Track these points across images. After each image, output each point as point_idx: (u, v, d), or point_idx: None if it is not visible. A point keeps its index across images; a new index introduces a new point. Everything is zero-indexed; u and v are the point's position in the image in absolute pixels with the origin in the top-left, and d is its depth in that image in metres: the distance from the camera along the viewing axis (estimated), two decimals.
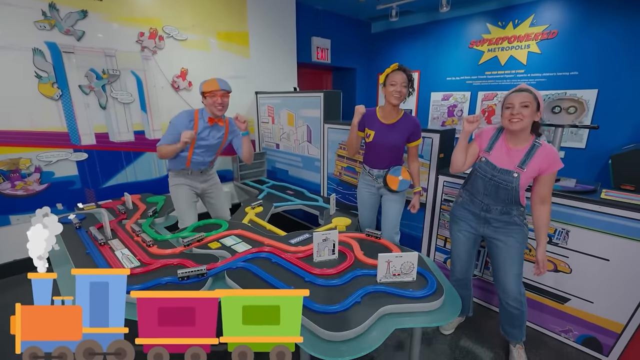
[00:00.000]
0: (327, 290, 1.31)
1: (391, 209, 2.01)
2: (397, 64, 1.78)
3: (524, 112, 1.34)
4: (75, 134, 2.54)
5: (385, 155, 1.92)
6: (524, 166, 1.40)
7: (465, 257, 1.71)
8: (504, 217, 1.51)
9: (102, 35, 2.53)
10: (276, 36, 3.73)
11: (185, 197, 2.12)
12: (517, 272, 1.53)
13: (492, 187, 1.48)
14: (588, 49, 3.39)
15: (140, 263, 1.51)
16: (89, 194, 2.69)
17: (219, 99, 1.90)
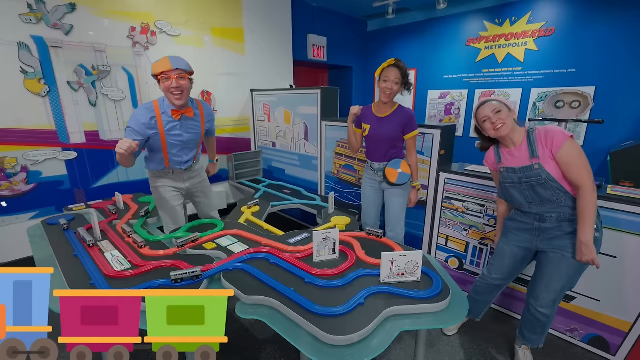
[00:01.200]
0: (328, 292, 1.25)
1: (394, 204, 1.99)
2: (394, 59, 1.76)
3: (501, 117, 1.35)
4: (63, 132, 2.45)
5: (382, 148, 1.93)
6: (535, 154, 1.33)
7: (507, 270, 1.56)
8: (565, 226, 1.34)
9: (92, 30, 2.45)
10: (272, 33, 3.67)
11: (168, 199, 1.89)
12: (560, 287, 1.39)
13: (527, 190, 1.37)
14: (585, 46, 3.38)
15: (131, 265, 1.43)
16: (78, 194, 2.59)
17: (173, 82, 1.54)
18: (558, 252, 1.38)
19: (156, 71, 1.57)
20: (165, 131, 1.68)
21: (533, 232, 1.44)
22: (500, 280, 1.61)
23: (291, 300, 1.18)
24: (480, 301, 1.71)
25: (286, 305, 1.15)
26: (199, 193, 2.06)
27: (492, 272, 1.62)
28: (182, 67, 1.57)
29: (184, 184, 1.94)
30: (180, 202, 1.98)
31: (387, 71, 1.75)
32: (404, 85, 1.78)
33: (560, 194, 1.31)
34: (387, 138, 1.89)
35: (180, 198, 1.98)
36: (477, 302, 1.72)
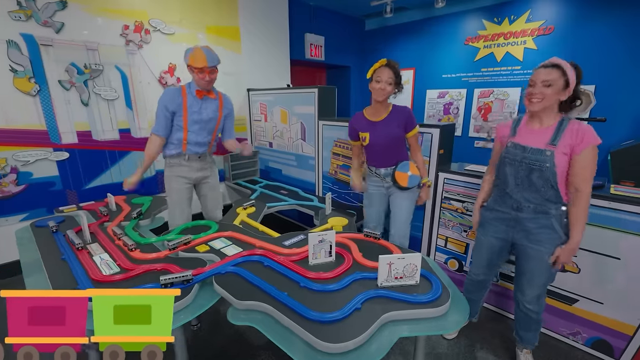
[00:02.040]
0: (323, 296, 1.20)
1: (402, 208, 1.88)
2: (386, 59, 1.69)
3: (545, 92, 1.24)
4: (55, 132, 2.39)
5: (387, 153, 1.83)
6: (555, 142, 1.25)
7: (486, 263, 1.58)
8: (540, 219, 1.33)
9: (83, 28, 2.40)
10: (268, 32, 3.62)
11: (177, 192, 2.00)
12: (543, 282, 1.41)
13: (523, 171, 1.32)
14: (585, 45, 3.35)
15: (120, 269, 1.39)
16: (70, 195, 2.54)
17: (207, 76, 1.78)
18: (535, 247, 1.37)
19: (194, 65, 1.75)
20: (188, 107, 1.86)
21: (510, 223, 1.43)
22: (482, 274, 1.61)
23: (285, 305, 1.14)
24: (473, 300, 1.70)
25: (279, 311, 1.11)
26: (208, 186, 2.14)
27: (473, 266, 1.63)
28: (215, 63, 1.79)
29: (196, 173, 2.04)
30: (189, 196, 2.07)
31: (379, 71, 1.68)
32: (397, 85, 1.71)
33: (549, 188, 1.29)
34: (391, 141, 1.79)
35: (191, 191, 2.08)
36: (470, 301, 1.69)
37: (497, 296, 1.99)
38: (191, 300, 1.23)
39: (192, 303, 1.23)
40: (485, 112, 4.20)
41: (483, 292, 1.70)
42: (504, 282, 1.93)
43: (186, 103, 1.85)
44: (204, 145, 2.01)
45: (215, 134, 2.05)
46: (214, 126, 2.01)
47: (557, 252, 1.31)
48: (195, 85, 1.86)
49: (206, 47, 1.78)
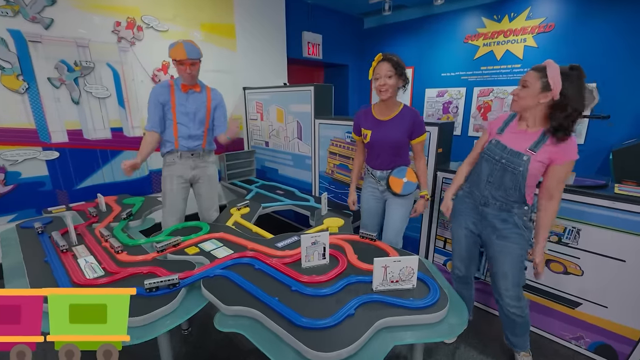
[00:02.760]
0: (316, 301, 1.15)
1: (394, 215, 1.79)
2: (381, 53, 1.59)
3: (521, 93, 1.26)
4: (44, 130, 2.34)
5: (386, 155, 1.73)
6: (535, 149, 1.25)
7: (465, 254, 1.59)
8: (502, 215, 1.37)
9: (74, 24, 2.34)
10: (264, 29, 3.57)
11: (172, 192, 1.99)
12: (515, 280, 1.39)
13: (498, 171, 1.34)
14: (586, 42, 3.30)
15: (104, 272, 1.33)
16: (61, 195, 2.48)
17: (187, 68, 1.80)
18: (501, 242, 1.38)
19: (173, 57, 1.79)
20: (176, 100, 1.89)
21: (477, 216, 1.47)
22: (464, 269, 1.61)
23: (274, 311, 1.08)
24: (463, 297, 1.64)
25: (269, 317, 1.05)
26: (203, 185, 2.11)
27: (454, 261, 1.65)
28: (194, 56, 1.81)
29: (191, 171, 2.03)
30: (184, 196, 2.06)
31: (377, 68, 1.58)
32: (399, 77, 1.58)
33: (516, 190, 1.31)
34: (391, 144, 1.69)
35: (186, 191, 2.07)
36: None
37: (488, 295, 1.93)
38: (177, 305, 1.17)
39: (178, 308, 1.17)
40: (485, 111, 4.15)
41: (470, 288, 1.68)
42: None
43: (174, 95, 1.89)
44: (196, 139, 1.99)
45: (207, 125, 2.02)
46: (203, 117, 1.99)
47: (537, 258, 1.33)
48: (181, 80, 1.89)
49: (189, 41, 1.82)
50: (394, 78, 1.56)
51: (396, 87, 1.60)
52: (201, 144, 2.01)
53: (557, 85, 1.15)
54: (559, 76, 1.14)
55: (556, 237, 1.62)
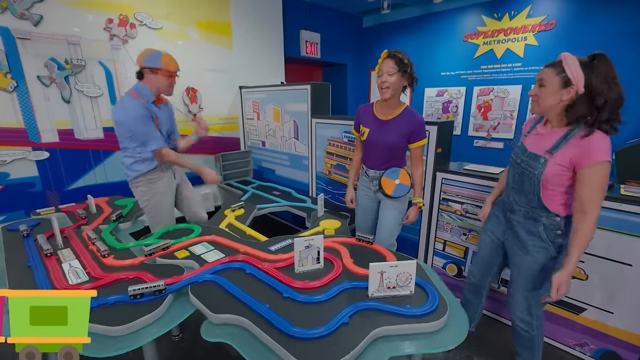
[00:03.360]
0: (308, 308, 1.09)
1: (387, 217, 1.74)
2: (387, 50, 1.51)
3: (538, 92, 1.16)
4: (34, 130, 2.28)
5: (381, 155, 1.67)
6: (554, 151, 1.13)
7: (482, 262, 1.50)
8: (528, 224, 1.25)
9: (64, 21, 2.28)
10: (261, 28, 3.51)
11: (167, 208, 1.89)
12: (529, 295, 1.30)
13: (519, 175, 1.25)
14: (588, 40, 3.24)
15: (89, 278, 1.27)
16: (51, 197, 2.43)
17: (174, 80, 1.75)
18: (521, 254, 1.29)
19: (168, 67, 1.68)
20: (158, 118, 1.77)
21: (504, 222, 1.38)
22: (479, 276, 1.53)
23: (265, 319, 1.03)
24: (471, 304, 1.60)
25: (258, 326, 1.00)
26: (185, 187, 2.04)
27: (471, 266, 1.57)
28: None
29: (175, 179, 1.95)
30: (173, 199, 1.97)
31: (381, 65, 1.51)
32: (403, 75, 1.48)
33: (536, 194, 1.20)
34: (387, 146, 1.62)
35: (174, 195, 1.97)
36: (466, 304, 1.60)
37: (499, 304, 1.87)
38: (163, 312, 1.12)
39: (164, 315, 1.12)
40: (485, 110, 4.09)
41: (480, 299, 1.59)
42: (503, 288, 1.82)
43: (156, 115, 1.75)
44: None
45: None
46: (172, 128, 1.92)
47: (555, 280, 1.13)
48: (151, 93, 1.71)
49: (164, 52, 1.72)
50: (397, 76, 1.47)
51: (399, 86, 1.52)
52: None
53: (578, 78, 1.04)
54: (579, 67, 1.03)
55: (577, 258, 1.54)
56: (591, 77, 1.03)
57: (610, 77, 1.03)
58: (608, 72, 1.03)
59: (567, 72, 1.06)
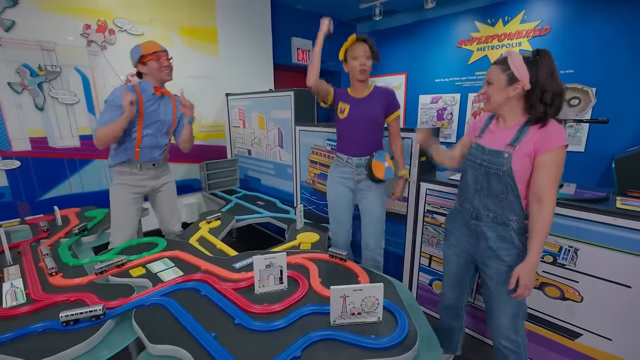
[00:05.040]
0: (259, 338, 0.96)
1: (373, 211, 1.67)
2: (355, 34, 1.56)
3: (488, 91, 1.15)
4: (4, 138, 2.20)
5: (364, 135, 1.64)
6: (516, 143, 1.10)
7: (454, 281, 1.39)
8: (499, 230, 1.17)
9: (37, 27, 2.22)
10: (249, 34, 3.45)
11: (123, 204, 1.75)
12: (515, 311, 1.18)
13: (482, 175, 1.18)
14: (584, 45, 3.14)
15: (26, 300, 1.16)
16: (22, 207, 2.33)
17: (166, 61, 1.68)
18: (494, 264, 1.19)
19: (147, 52, 1.64)
20: (145, 107, 1.69)
21: (469, 234, 1.27)
22: (452, 297, 1.41)
23: (207, 352, 0.90)
24: (452, 329, 1.47)
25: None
26: (163, 195, 1.92)
27: (443, 287, 1.45)
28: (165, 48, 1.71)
29: (151, 181, 1.84)
30: (137, 208, 1.82)
31: (354, 48, 1.54)
32: (375, 59, 1.58)
33: (510, 194, 1.13)
34: (370, 120, 1.62)
35: (139, 202, 1.83)
36: (448, 330, 1.48)
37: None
38: (98, 341, 0.99)
39: (100, 344, 0.99)
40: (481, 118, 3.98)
41: (460, 321, 1.47)
42: None
43: (142, 101, 1.66)
44: (160, 149, 1.82)
45: (170, 136, 1.87)
46: (169, 129, 1.84)
47: (515, 271, 1.09)
48: (151, 85, 1.70)
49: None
50: (371, 61, 1.56)
51: (370, 69, 1.60)
52: (163, 153, 1.85)
53: (523, 74, 1.05)
54: (523, 64, 1.05)
55: (550, 257, 1.43)
56: (537, 73, 1.03)
57: (554, 71, 1.04)
58: (552, 67, 1.04)
59: (512, 68, 1.07)
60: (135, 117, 1.66)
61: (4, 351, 0.91)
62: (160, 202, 1.92)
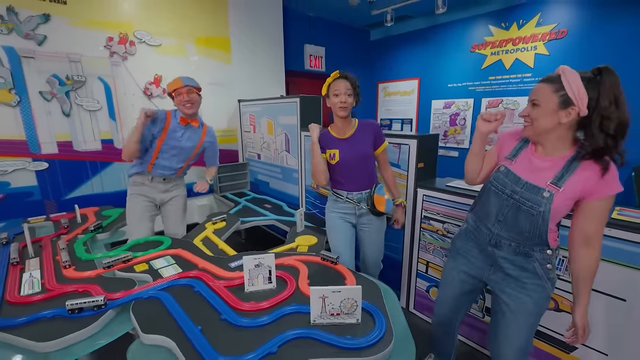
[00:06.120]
0: (243, 334, 1.02)
1: (374, 243, 1.70)
2: (338, 71, 1.56)
3: (532, 114, 0.97)
4: (34, 142, 2.41)
5: (359, 171, 1.62)
6: (560, 183, 0.94)
7: (454, 302, 1.30)
8: (518, 260, 1.06)
9: (66, 40, 2.43)
10: (261, 42, 3.58)
11: (138, 209, 1.91)
12: (523, 345, 1.09)
13: (510, 208, 1.04)
14: (602, 48, 3.02)
15: (41, 289, 1.28)
16: (49, 205, 2.53)
17: (185, 96, 1.79)
18: (514, 293, 1.09)
19: (171, 89, 1.82)
20: (169, 132, 1.85)
21: (484, 258, 1.17)
22: (446, 317, 1.34)
23: (191, 343, 0.97)
24: (443, 342, 1.44)
25: (182, 351, 0.94)
26: (171, 208, 2.05)
27: (438, 303, 1.37)
28: (191, 84, 1.83)
29: (160, 194, 1.98)
30: (151, 214, 1.97)
31: (334, 85, 1.53)
32: (356, 97, 1.57)
33: (537, 235, 1.01)
34: (363, 158, 1.60)
35: (153, 209, 1.99)
36: (441, 342, 1.45)
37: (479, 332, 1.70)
38: (99, 328, 1.09)
39: (101, 331, 1.09)
40: None
41: (451, 339, 1.42)
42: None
43: (168, 127, 1.84)
44: (173, 170, 1.94)
45: (188, 162, 1.99)
46: (189, 155, 1.95)
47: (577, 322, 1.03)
48: (177, 113, 1.87)
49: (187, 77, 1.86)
50: (352, 97, 1.55)
51: (352, 105, 1.57)
52: (176, 172, 1.98)
53: (581, 97, 0.86)
54: (581, 84, 0.86)
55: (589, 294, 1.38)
56: (597, 96, 0.85)
57: (619, 96, 0.86)
58: (616, 89, 0.85)
59: (566, 89, 0.88)
60: (157, 135, 1.83)
61: (17, 333, 1.02)
62: (167, 215, 2.04)
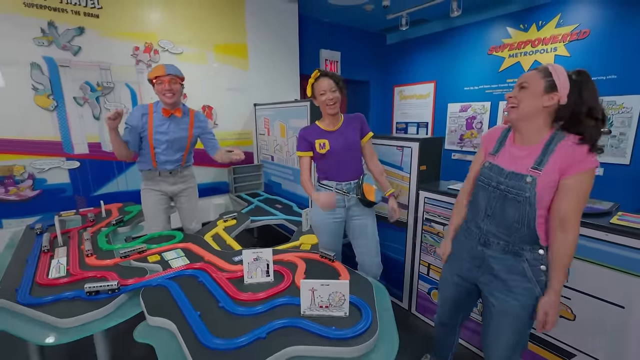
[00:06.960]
0: (235, 320, 1.11)
1: (369, 230, 1.67)
2: (317, 69, 1.59)
3: (519, 95, 1.01)
4: (68, 143, 2.64)
5: (349, 161, 1.66)
6: (540, 167, 0.98)
7: (453, 305, 1.32)
8: (508, 260, 1.07)
9: (98, 50, 2.65)
10: (277, 48, 3.70)
11: (151, 203, 2.01)
12: (511, 345, 1.10)
13: (497, 200, 1.07)
14: (627, 49, 2.89)
15: (66, 273, 1.43)
16: (79, 201, 2.76)
17: (166, 85, 1.76)
18: (501, 296, 1.09)
19: (152, 76, 1.80)
20: (154, 127, 1.87)
21: (473, 260, 1.17)
22: (446, 318, 1.36)
23: (189, 326, 1.07)
24: (444, 342, 1.46)
25: (181, 332, 1.04)
26: (184, 199, 2.14)
27: (439, 307, 1.39)
28: (174, 72, 1.81)
29: (170, 187, 2.05)
30: (165, 207, 2.07)
31: (318, 84, 1.56)
32: (341, 91, 1.60)
33: (524, 225, 1.02)
34: (351, 146, 1.64)
35: (166, 202, 2.08)
36: (442, 342, 1.47)
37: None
38: (112, 309, 1.21)
39: (114, 312, 1.21)
40: None
41: (452, 337, 1.44)
42: None
43: (152, 122, 1.85)
44: (175, 162, 1.99)
45: (187, 151, 2.03)
46: (184, 145, 1.98)
47: (541, 306, 1.01)
48: (162, 104, 1.86)
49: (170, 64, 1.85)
50: (338, 92, 1.58)
51: (340, 100, 1.60)
52: (179, 164, 2.02)
53: (564, 86, 0.95)
54: (566, 76, 0.96)
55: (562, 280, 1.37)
56: (580, 90, 0.95)
57: (597, 94, 0.96)
58: (595, 89, 0.96)
59: (553, 76, 0.96)
60: (145, 134, 1.87)
61: (44, 310, 1.16)
62: (180, 206, 2.15)
